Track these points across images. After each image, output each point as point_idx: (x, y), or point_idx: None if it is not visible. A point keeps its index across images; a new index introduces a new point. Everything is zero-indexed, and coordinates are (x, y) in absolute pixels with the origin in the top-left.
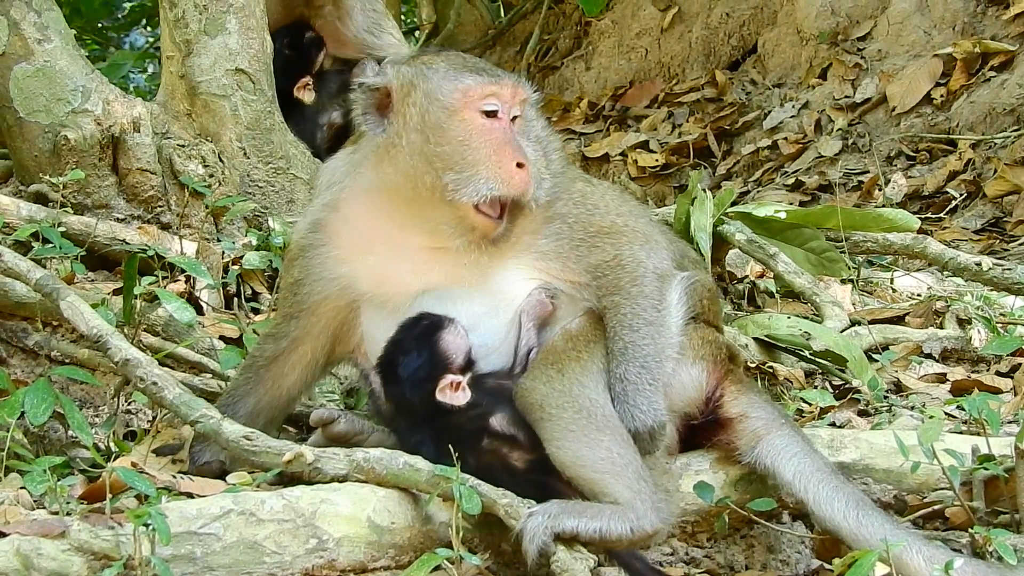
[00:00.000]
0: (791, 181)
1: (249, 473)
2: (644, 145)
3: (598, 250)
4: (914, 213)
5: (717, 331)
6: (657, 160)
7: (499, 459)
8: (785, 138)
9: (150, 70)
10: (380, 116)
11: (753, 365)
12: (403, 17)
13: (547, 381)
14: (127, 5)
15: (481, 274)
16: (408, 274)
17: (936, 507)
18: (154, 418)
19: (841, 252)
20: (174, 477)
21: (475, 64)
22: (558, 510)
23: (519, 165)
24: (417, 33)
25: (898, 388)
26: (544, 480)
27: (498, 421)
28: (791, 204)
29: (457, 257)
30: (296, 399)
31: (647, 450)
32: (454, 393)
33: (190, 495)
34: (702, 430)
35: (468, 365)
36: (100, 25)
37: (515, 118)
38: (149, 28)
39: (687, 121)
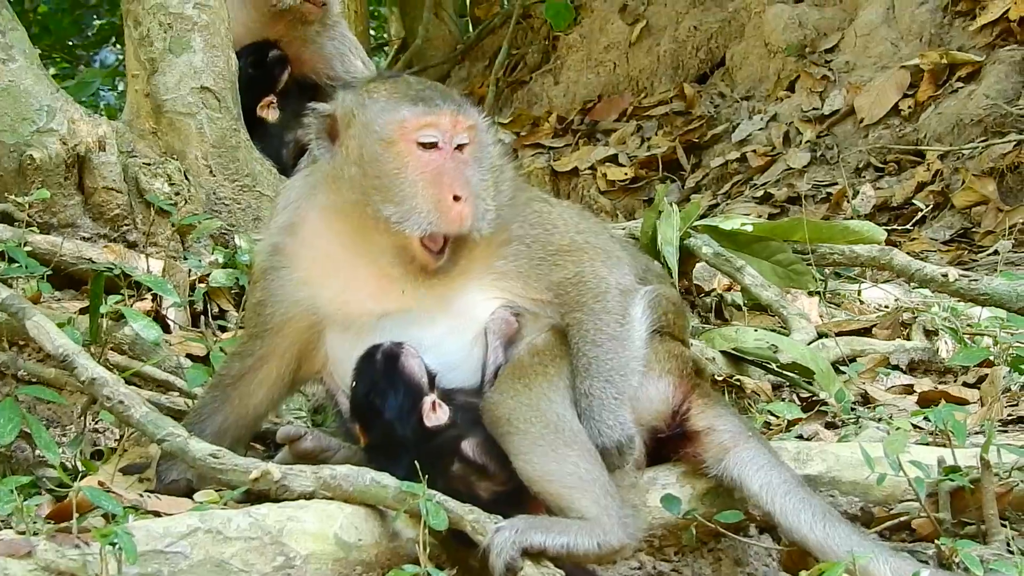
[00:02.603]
0: (760, 194)
1: (216, 491)
2: (613, 159)
3: (559, 268)
4: (883, 224)
5: (683, 344)
6: (626, 174)
7: (466, 487)
8: (754, 151)
9: (120, 88)
10: (330, 142)
11: (720, 378)
12: (372, 33)
13: (514, 395)
14: (96, 23)
15: (440, 297)
16: (367, 298)
17: (902, 519)
18: (121, 437)
19: (808, 264)
20: (141, 496)
21: (419, 92)
22: (525, 525)
23: (456, 198)
24: (386, 49)
25: (865, 400)
26: (509, 514)
27: (470, 446)
28: (760, 216)
29: (414, 283)
30: (263, 417)
31: (616, 465)
32: (436, 414)
33: (157, 513)
34: (669, 443)
35: (432, 380)
36: (70, 43)
37: (462, 146)
38: (119, 46)
39: (656, 134)
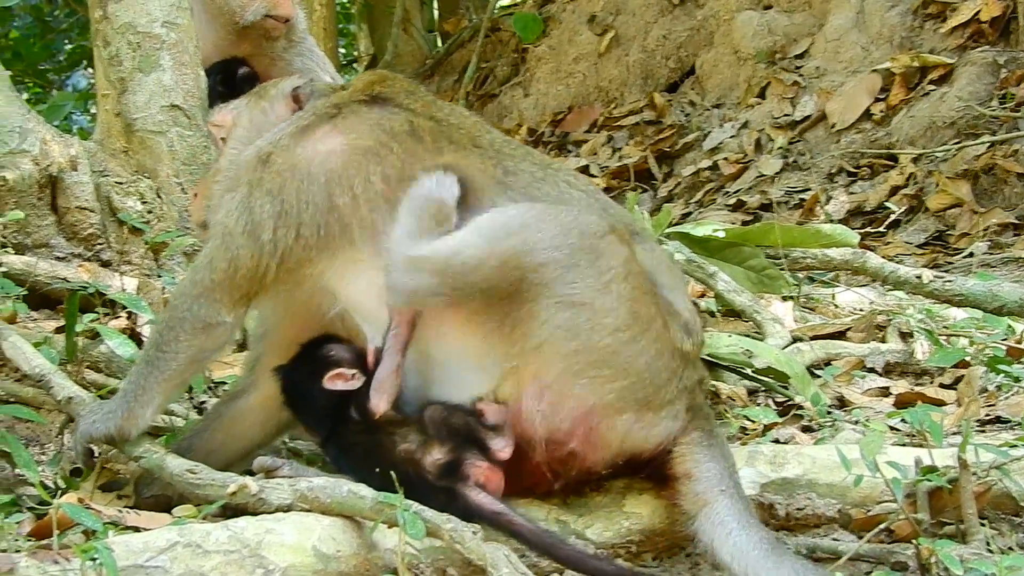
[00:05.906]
0: (733, 201)
1: (195, 506)
2: (585, 170)
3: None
4: (857, 229)
5: (695, 366)
6: (598, 184)
7: (414, 467)
8: (725, 158)
9: (93, 111)
10: None
11: None
12: (342, 51)
13: None
14: (67, 48)
15: None
16: None
17: (881, 522)
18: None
19: (781, 269)
20: (120, 512)
21: None
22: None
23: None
24: (356, 66)
25: (841, 403)
26: (454, 489)
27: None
28: (733, 224)
29: None
30: (257, 444)
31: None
32: (341, 381)
33: (137, 529)
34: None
35: (358, 359)
36: (41, 68)
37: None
38: (90, 70)
39: (627, 145)
